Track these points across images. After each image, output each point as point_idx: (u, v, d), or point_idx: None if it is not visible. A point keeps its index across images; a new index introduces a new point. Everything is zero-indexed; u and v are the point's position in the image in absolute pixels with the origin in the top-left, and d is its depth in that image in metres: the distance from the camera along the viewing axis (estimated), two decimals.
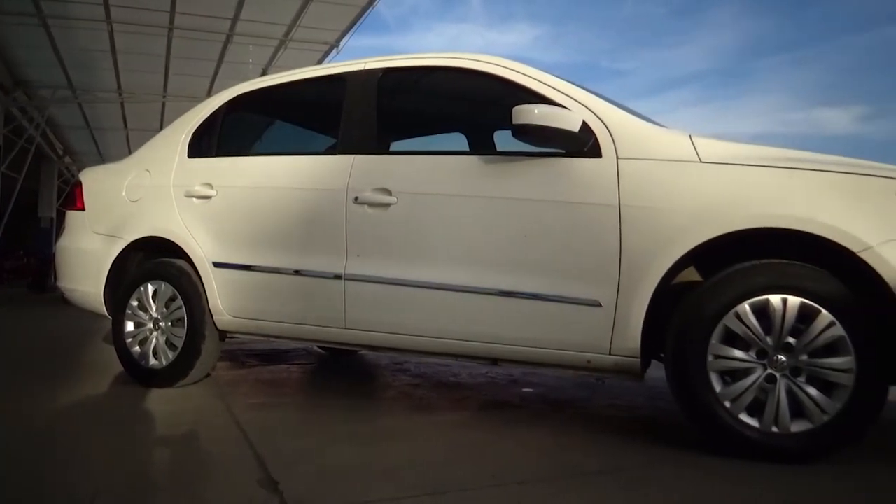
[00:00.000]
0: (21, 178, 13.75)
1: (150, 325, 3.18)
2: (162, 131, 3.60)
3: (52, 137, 16.08)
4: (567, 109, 2.33)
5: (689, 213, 2.11)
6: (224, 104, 3.34)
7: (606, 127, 2.31)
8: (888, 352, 1.92)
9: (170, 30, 9.53)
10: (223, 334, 3.14)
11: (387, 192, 2.61)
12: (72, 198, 3.60)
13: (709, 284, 2.08)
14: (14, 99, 12.12)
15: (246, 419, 2.54)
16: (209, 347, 3.08)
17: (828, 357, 1.94)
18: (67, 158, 18.84)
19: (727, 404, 2.02)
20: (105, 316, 3.36)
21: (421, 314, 2.53)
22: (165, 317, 3.15)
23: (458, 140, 3.57)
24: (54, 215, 17.48)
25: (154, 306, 3.17)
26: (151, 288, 3.17)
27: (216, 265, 3.02)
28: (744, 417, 2.00)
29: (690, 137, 2.23)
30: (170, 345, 3.11)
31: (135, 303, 3.21)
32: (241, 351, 4.51)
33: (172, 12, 8.98)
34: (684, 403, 2.10)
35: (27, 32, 9.32)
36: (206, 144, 3.30)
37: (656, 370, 2.35)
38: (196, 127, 3.34)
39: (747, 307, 2.00)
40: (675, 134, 2.29)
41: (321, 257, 2.75)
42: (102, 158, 16.36)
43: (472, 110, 3.44)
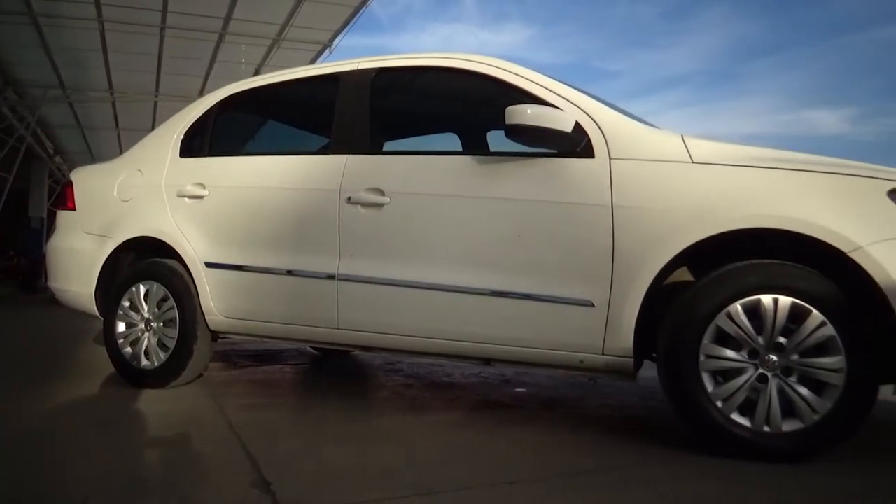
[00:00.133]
0: (11, 178, 13.66)
1: (142, 326, 3.16)
2: (154, 131, 3.58)
3: (43, 137, 15.95)
4: (560, 110, 2.34)
5: (681, 214, 2.11)
6: (216, 104, 3.33)
7: (599, 127, 2.32)
8: (880, 351, 1.94)
9: (162, 29, 9.48)
10: (215, 335, 3.12)
11: (380, 193, 2.61)
12: (63, 197, 3.58)
13: (701, 284, 2.09)
14: (5, 98, 12.01)
15: (238, 420, 2.53)
16: (201, 348, 3.07)
17: (818, 357, 1.95)
18: (58, 158, 18.71)
19: (719, 404, 2.03)
20: (96, 316, 3.34)
21: (414, 314, 2.53)
22: (157, 317, 3.13)
23: (452, 140, 3.57)
24: (45, 215, 17.34)
25: (146, 307, 3.15)
26: (143, 288, 3.16)
27: (208, 265, 3.00)
28: (735, 417, 2.01)
29: (682, 138, 2.24)
30: (162, 345, 3.10)
31: (126, 303, 3.19)
32: (234, 351, 4.50)
33: (164, 11, 8.94)
34: (676, 403, 2.11)
35: (18, 31, 9.24)
36: (199, 144, 3.29)
37: (649, 370, 2.36)
38: (188, 126, 3.32)
39: (739, 307, 2.01)
40: (667, 134, 2.30)
41: (314, 257, 2.74)
42: (94, 158, 16.27)
43: (466, 110, 3.44)
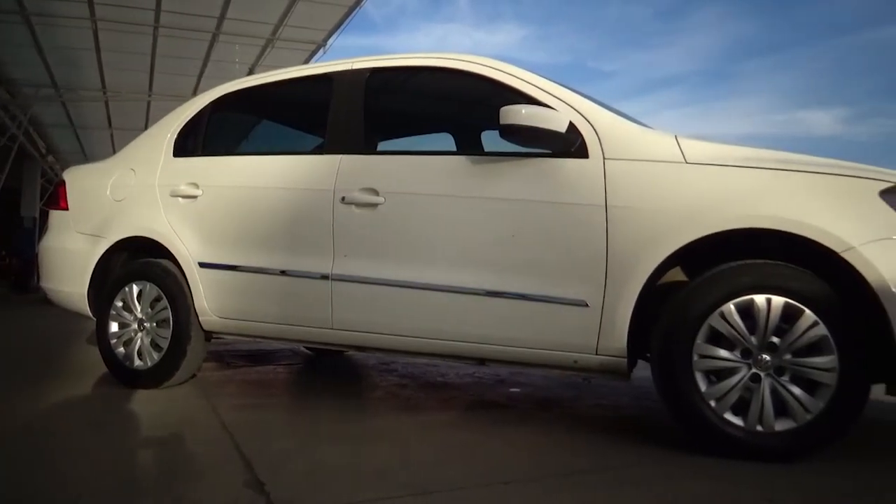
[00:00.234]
0: (3, 177, 13.59)
1: (135, 326, 3.15)
2: (147, 130, 3.56)
3: (35, 136, 15.87)
4: (554, 110, 2.34)
5: (675, 214, 2.12)
6: (210, 103, 3.32)
7: (593, 127, 2.32)
8: (872, 351, 1.95)
9: (155, 28, 9.45)
10: (209, 335, 3.11)
11: (374, 193, 2.61)
12: (55, 197, 3.57)
13: (694, 284, 2.10)
14: None
15: (232, 420, 2.52)
16: (195, 348, 3.06)
17: (811, 356, 1.96)
18: (51, 157, 18.62)
19: (712, 403, 2.03)
20: (89, 316, 3.33)
21: (408, 314, 2.53)
22: (150, 317, 3.12)
23: (446, 140, 3.57)
24: (37, 215, 17.27)
25: (139, 307, 3.14)
26: (136, 288, 3.14)
27: (202, 265, 2.99)
28: (729, 416, 2.02)
29: (676, 138, 2.25)
30: (155, 346, 3.08)
31: (119, 303, 3.18)
32: (227, 352, 4.49)
33: (158, 10, 8.91)
34: (670, 403, 2.12)
35: (10, 30, 9.20)
36: (192, 144, 3.28)
37: (642, 370, 2.36)
38: (182, 126, 3.31)
39: (732, 307, 2.02)
40: (661, 135, 2.30)
41: (308, 257, 2.73)
42: (86, 157, 16.19)
43: (460, 110, 3.44)
